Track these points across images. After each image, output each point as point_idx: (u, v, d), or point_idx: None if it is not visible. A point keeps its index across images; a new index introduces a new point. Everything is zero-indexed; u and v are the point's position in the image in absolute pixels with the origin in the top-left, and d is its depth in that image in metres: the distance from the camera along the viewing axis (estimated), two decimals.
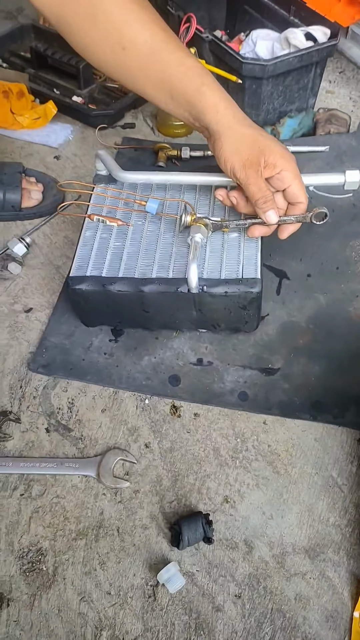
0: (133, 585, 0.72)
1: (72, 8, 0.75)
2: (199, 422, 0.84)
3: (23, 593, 0.72)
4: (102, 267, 0.86)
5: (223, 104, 0.75)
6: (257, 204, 0.77)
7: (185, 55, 0.76)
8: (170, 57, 0.75)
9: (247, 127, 0.75)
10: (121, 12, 0.74)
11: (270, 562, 0.73)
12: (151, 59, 0.75)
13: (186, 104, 0.76)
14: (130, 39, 0.74)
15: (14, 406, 0.87)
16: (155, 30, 0.74)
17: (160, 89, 0.77)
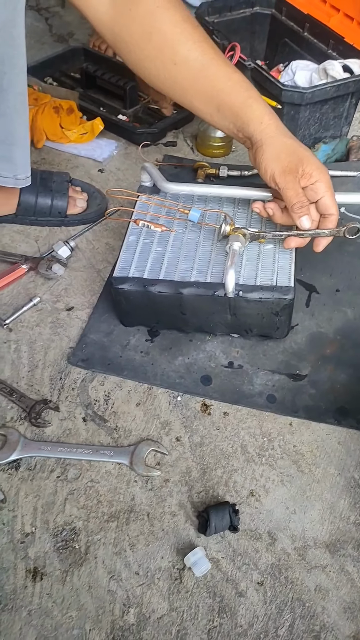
0: (161, 568, 0.75)
1: (129, 27, 0.82)
2: (228, 420, 0.89)
3: (56, 569, 0.76)
4: (143, 269, 0.92)
5: (267, 116, 0.81)
6: (293, 209, 0.83)
7: (233, 71, 0.83)
8: (219, 72, 0.82)
9: (288, 138, 0.81)
10: (175, 31, 0.81)
11: (292, 554, 0.76)
12: (201, 74, 0.82)
13: (232, 115, 0.83)
14: (183, 56, 0.81)
15: (54, 396, 0.92)
16: (205, 48, 0.82)
17: (207, 102, 0.84)
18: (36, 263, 1.08)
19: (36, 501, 0.81)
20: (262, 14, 1.37)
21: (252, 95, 0.82)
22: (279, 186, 0.83)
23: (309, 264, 1.05)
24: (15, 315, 1.02)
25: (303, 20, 1.31)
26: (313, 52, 1.31)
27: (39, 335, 1.00)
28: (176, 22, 0.81)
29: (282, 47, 1.38)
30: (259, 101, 0.82)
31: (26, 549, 0.77)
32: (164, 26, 0.81)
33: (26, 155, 1.04)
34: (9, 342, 0.99)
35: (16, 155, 1.01)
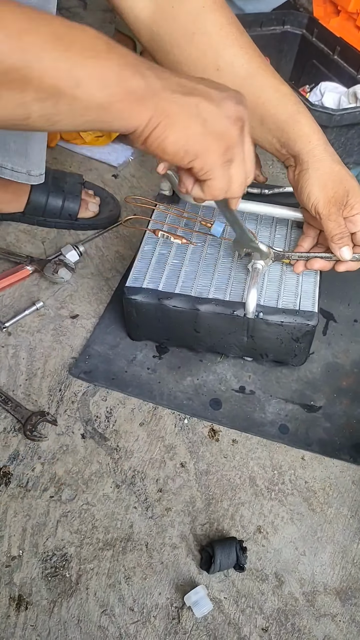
0: (157, 605, 0.69)
1: (170, 25, 0.77)
2: (236, 449, 0.83)
3: (43, 598, 0.69)
4: (158, 281, 0.87)
5: (316, 135, 0.76)
6: (333, 239, 0.78)
7: (280, 83, 0.78)
8: (266, 82, 0.76)
9: (336, 163, 0.77)
10: (220, 33, 0.76)
11: (300, 599, 0.70)
12: (246, 82, 0.76)
13: (277, 129, 0.78)
14: (227, 61, 0.76)
15: (52, 408, 0.86)
16: (252, 55, 0.76)
17: (250, 114, 0.79)
18: (42, 265, 1.03)
19: (26, 521, 0.75)
20: (293, 33, 1.35)
21: (301, 110, 0.77)
22: (320, 215, 0.78)
23: (327, 291, 1.00)
24: (15, 319, 0.96)
25: (334, 43, 1.28)
26: (342, 76, 1.28)
27: (40, 341, 0.94)
28: (222, 24, 0.76)
29: (310, 68, 1.36)
30: (308, 117, 0.77)
31: (11, 574, 0.71)
32: (209, 27, 0.76)
33: (42, 151, 0.99)
34: (7, 347, 0.93)
35: (32, 150, 0.96)
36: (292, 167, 0.79)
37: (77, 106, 0.49)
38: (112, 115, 0.51)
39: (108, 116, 0.51)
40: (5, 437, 0.82)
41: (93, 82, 0.48)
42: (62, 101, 0.48)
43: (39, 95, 0.47)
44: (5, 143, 0.95)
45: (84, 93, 0.48)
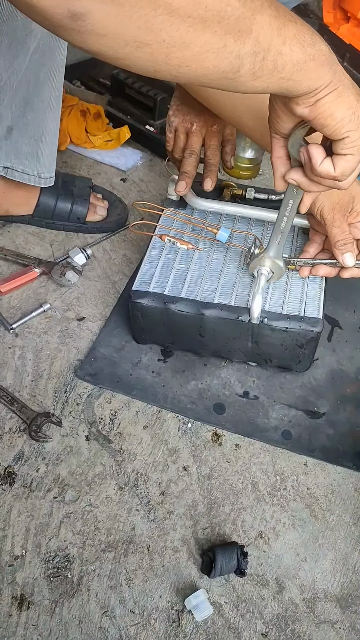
0: (158, 607, 0.70)
1: None
2: (239, 454, 0.84)
3: (45, 598, 0.70)
4: (164, 285, 0.87)
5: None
6: (336, 245, 0.79)
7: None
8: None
9: None
10: None
11: (301, 606, 0.71)
12: None
13: None
14: None
15: (57, 409, 0.86)
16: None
17: (258, 119, 0.79)
18: (49, 268, 1.03)
19: (29, 521, 0.75)
20: None
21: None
22: (325, 221, 0.79)
23: (332, 297, 1.01)
24: (22, 320, 0.97)
25: (344, 50, 1.29)
26: None
27: (46, 343, 0.95)
28: None
29: None
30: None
31: (14, 573, 0.71)
32: None
33: (53, 154, 1.00)
34: (14, 348, 0.94)
35: (43, 152, 0.97)
36: None
37: (279, 62, 0.52)
38: (303, 74, 0.53)
39: (299, 75, 0.53)
40: (11, 438, 0.83)
41: (295, 42, 0.52)
42: (269, 56, 0.51)
43: (254, 48, 0.50)
44: (18, 146, 0.97)
45: (289, 51, 0.52)
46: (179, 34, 0.46)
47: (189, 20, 0.45)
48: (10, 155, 0.98)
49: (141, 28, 0.44)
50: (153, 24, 0.44)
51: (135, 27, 0.44)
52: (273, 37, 0.51)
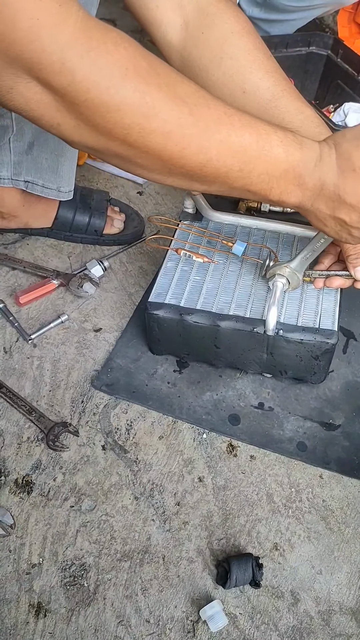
0: (173, 617, 0.70)
1: (199, 51, 0.79)
2: (254, 465, 0.84)
3: (61, 606, 0.71)
4: (180, 297, 0.88)
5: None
6: (349, 259, 0.79)
7: (304, 105, 0.80)
8: (290, 105, 0.78)
9: None
10: (248, 58, 0.78)
11: (316, 618, 0.71)
12: (271, 104, 0.78)
13: None
14: (253, 84, 0.78)
15: (74, 419, 0.88)
16: (278, 79, 0.79)
17: None
18: (67, 279, 1.05)
19: (46, 530, 0.76)
20: (318, 54, 1.36)
21: (323, 131, 0.78)
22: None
23: (347, 309, 1.01)
24: (41, 331, 0.98)
25: (359, 64, 1.30)
26: None
27: (64, 354, 0.96)
28: (249, 49, 0.78)
29: (334, 89, 1.37)
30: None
31: (31, 581, 0.72)
32: (236, 52, 0.78)
33: (72, 169, 1.02)
34: (32, 358, 0.95)
35: (63, 167, 0.99)
36: None
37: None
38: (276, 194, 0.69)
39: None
40: (29, 447, 0.84)
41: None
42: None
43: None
44: (38, 161, 0.99)
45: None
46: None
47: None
48: (31, 169, 1.00)
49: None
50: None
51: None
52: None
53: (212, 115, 0.60)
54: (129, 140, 0.56)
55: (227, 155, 0.61)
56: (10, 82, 0.52)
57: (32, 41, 0.49)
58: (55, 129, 0.57)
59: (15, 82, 0.52)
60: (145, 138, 0.56)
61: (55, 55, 0.50)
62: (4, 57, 0.50)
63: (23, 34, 0.48)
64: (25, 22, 0.48)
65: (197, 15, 0.79)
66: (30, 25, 0.48)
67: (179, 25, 0.79)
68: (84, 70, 0.51)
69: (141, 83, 0.54)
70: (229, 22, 0.79)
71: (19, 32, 0.48)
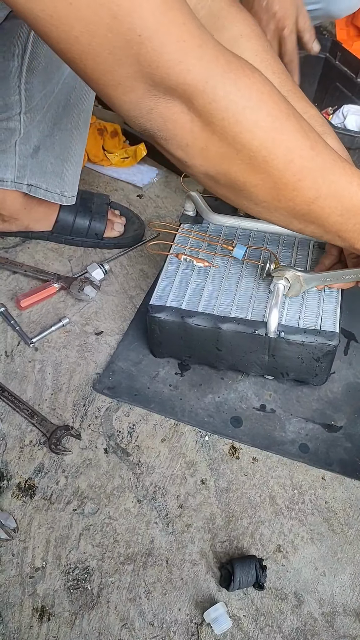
0: (177, 620, 0.70)
1: None
2: (257, 467, 0.84)
3: (65, 610, 0.70)
4: (182, 300, 0.88)
5: (341, 154, 0.78)
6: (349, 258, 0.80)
7: (309, 106, 0.81)
8: (296, 105, 0.79)
9: None
10: (255, 60, 0.79)
11: (319, 620, 0.71)
12: None
13: None
14: None
15: (76, 422, 0.88)
16: (284, 80, 0.80)
17: None
18: (68, 283, 1.05)
19: (49, 533, 0.76)
20: (316, 56, 1.35)
21: (327, 131, 0.79)
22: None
23: (349, 310, 1.01)
24: (42, 335, 0.98)
25: (357, 67, 1.30)
26: None
27: (65, 357, 0.96)
28: (257, 51, 0.80)
29: (333, 91, 1.37)
30: (334, 137, 0.80)
31: (35, 585, 0.72)
32: (245, 54, 0.79)
33: (77, 174, 1.02)
34: (34, 362, 0.95)
35: (68, 172, 1.00)
36: None
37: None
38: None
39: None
40: (31, 450, 0.84)
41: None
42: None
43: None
44: (43, 165, 0.99)
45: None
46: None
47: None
48: (35, 173, 1.00)
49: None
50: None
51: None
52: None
53: (330, 155, 0.63)
54: (253, 163, 0.59)
55: (335, 197, 0.64)
56: (151, 103, 0.54)
57: (180, 62, 0.52)
58: (182, 151, 0.58)
59: (156, 104, 0.54)
60: (268, 163, 0.59)
61: (200, 75, 0.53)
62: (150, 80, 0.52)
63: (170, 56, 0.51)
64: (173, 44, 0.51)
65: (209, 19, 0.81)
66: (178, 47, 0.51)
67: None
68: (225, 89, 0.54)
69: (274, 109, 0.58)
70: (238, 25, 0.81)
71: (167, 55, 0.51)
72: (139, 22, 0.49)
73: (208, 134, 0.56)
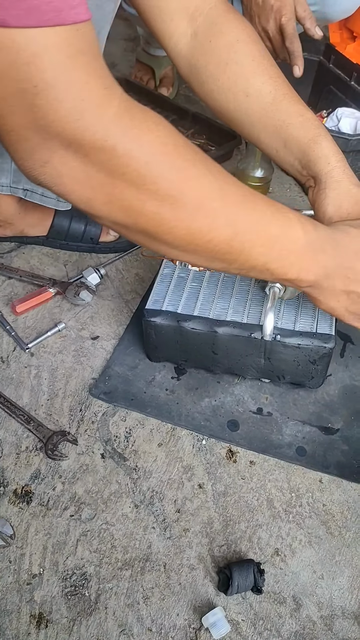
0: (175, 625, 0.70)
1: (206, 58, 0.83)
2: (254, 471, 0.84)
3: (63, 616, 0.70)
4: (177, 304, 0.88)
5: (335, 157, 0.79)
6: None
7: (305, 109, 0.81)
8: (291, 108, 0.80)
9: (355, 186, 0.79)
10: (252, 64, 0.81)
11: (318, 623, 0.70)
12: (272, 107, 0.80)
13: (299, 152, 0.80)
14: (256, 88, 0.81)
15: (72, 428, 0.87)
16: (279, 84, 0.81)
17: (275, 136, 0.82)
18: (64, 288, 1.05)
19: (46, 540, 0.76)
20: (310, 60, 1.37)
21: (322, 133, 0.80)
22: None
23: None
24: (38, 340, 0.98)
25: (351, 70, 1.31)
26: (359, 101, 1.30)
27: (62, 362, 0.96)
28: (254, 56, 0.81)
29: (327, 94, 1.38)
30: (329, 140, 0.80)
31: (32, 592, 0.72)
32: (241, 58, 0.81)
33: None
34: (30, 367, 0.95)
35: None
36: (312, 187, 0.81)
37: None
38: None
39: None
40: (28, 456, 0.84)
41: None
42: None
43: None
44: None
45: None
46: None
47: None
48: None
49: None
50: None
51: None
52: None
53: (239, 192, 0.63)
54: (161, 212, 0.58)
55: (252, 231, 0.64)
56: (45, 156, 0.53)
57: (77, 120, 0.51)
58: (84, 204, 0.58)
59: (50, 157, 0.53)
60: (177, 211, 0.58)
61: (98, 134, 0.52)
62: (44, 133, 0.51)
63: (67, 112, 0.50)
64: (71, 102, 0.50)
65: (207, 26, 0.83)
66: (75, 105, 0.50)
67: (189, 36, 0.83)
68: (126, 146, 0.53)
69: (178, 159, 0.57)
70: (235, 30, 0.82)
71: (63, 110, 0.50)
72: (37, 73, 0.48)
73: (110, 189, 0.56)
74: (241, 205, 0.63)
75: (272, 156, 0.86)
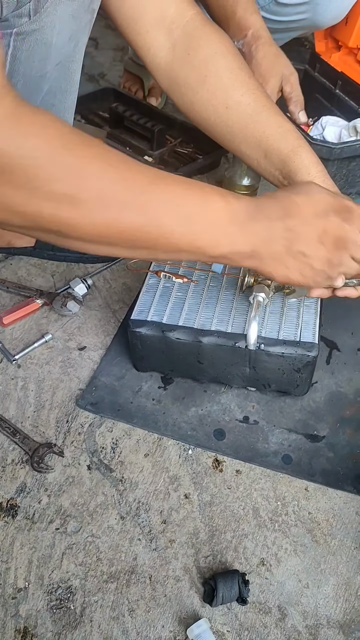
0: (160, 637, 0.70)
1: (185, 71, 0.83)
2: (240, 480, 0.84)
3: (48, 630, 0.70)
4: (162, 314, 0.89)
5: (315, 167, 0.80)
6: None
7: (284, 120, 0.82)
8: (271, 119, 0.81)
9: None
10: (230, 76, 0.81)
11: (303, 632, 0.70)
12: (252, 119, 0.81)
13: (279, 162, 0.81)
14: (235, 100, 0.81)
15: (59, 439, 0.87)
16: (258, 95, 0.81)
17: (255, 148, 0.83)
18: (51, 299, 1.05)
19: (32, 553, 0.76)
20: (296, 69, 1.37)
21: (302, 144, 0.80)
22: None
23: (331, 320, 1.02)
24: (25, 351, 0.98)
25: (336, 78, 1.31)
26: (343, 109, 1.31)
27: (48, 373, 0.96)
28: (232, 68, 0.82)
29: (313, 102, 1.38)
30: (309, 151, 0.81)
31: (17, 606, 0.72)
32: (219, 71, 0.81)
33: None
34: (17, 379, 0.95)
35: None
36: None
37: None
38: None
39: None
40: (13, 469, 0.84)
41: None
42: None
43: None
44: None
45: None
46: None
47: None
48: None
49: None
50: None
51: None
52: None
53: (146, 177, 0.61)
54: (59, 214, 0.57)
55: (165, 212, 0.61)
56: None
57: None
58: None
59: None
60: (77, 209, 0.57)
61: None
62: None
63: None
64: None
65: (184, 39, 0.83)
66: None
67: (167, 48, 0.84)
68: (11, 150, 0.52)
69: (70, 157, 0.56)
70: (213, 43, 0.83)
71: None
72: None
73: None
74: (149, 189, 0.61)
75: (253, 167, 0.86)
